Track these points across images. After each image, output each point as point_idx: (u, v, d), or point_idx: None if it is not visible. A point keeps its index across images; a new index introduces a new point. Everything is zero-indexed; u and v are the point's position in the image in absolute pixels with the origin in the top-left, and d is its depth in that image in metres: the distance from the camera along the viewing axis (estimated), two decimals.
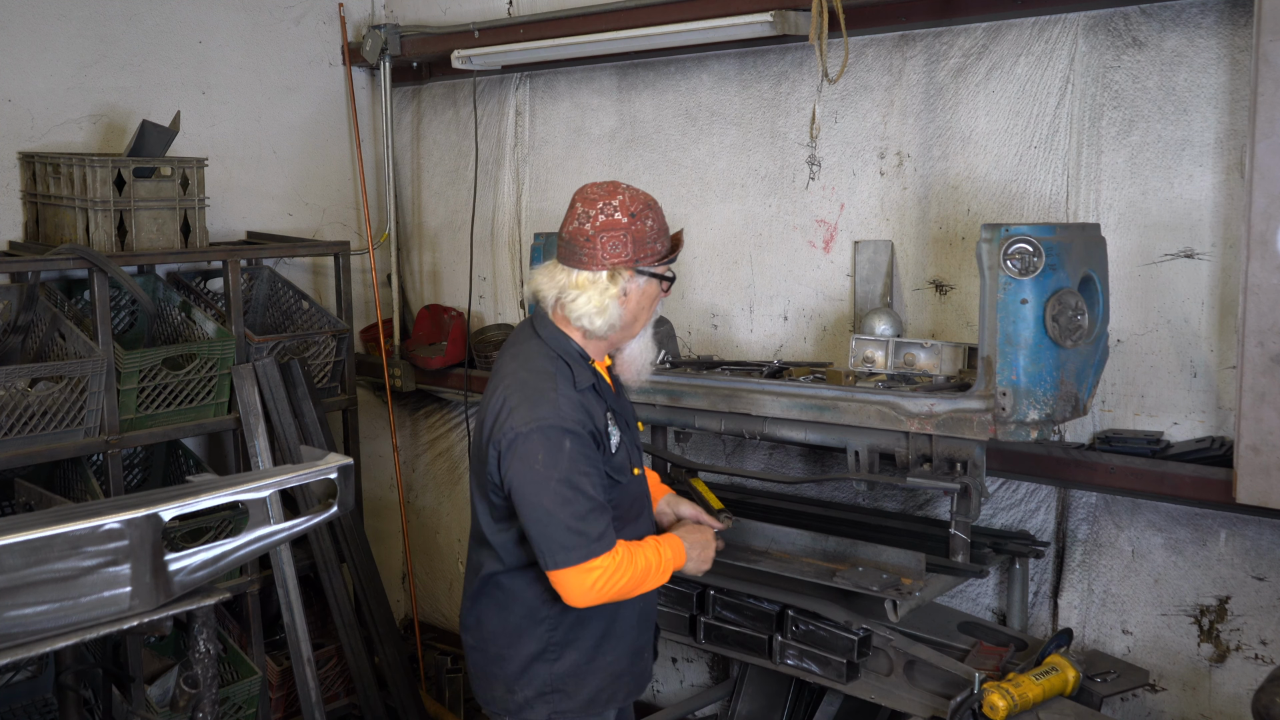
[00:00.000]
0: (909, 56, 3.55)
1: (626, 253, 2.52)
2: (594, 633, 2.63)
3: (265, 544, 2.97)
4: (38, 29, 4.14)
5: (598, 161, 4.39)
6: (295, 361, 4.28)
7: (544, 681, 2.62)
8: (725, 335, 4.08)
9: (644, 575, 2.54)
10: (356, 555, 4.43)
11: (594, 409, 2.53)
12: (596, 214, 2.53)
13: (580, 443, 2.45)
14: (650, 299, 2.60)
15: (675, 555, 2.63)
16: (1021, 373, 2.74)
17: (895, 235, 3.62)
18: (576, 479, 2.43)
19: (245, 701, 4.06)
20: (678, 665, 4.40)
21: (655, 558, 2.57)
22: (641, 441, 2.85)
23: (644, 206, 2.55)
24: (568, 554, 2.43)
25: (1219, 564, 3.13)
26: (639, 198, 2.55)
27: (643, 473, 2.74)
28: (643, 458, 2.79)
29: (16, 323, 3.86)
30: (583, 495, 2.43)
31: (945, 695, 2.89)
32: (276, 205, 4.86)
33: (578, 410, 2.48)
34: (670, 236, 2.62)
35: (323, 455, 3.10)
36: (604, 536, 2.45)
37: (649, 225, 2.54)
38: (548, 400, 2.46)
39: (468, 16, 4.61)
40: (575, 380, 2.53)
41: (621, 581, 2.48)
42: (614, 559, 2.47)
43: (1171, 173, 3.10)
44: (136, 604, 2.79)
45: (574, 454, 2.44)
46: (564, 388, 2.49)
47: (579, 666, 2.62)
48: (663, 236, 2.58)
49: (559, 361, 2.55)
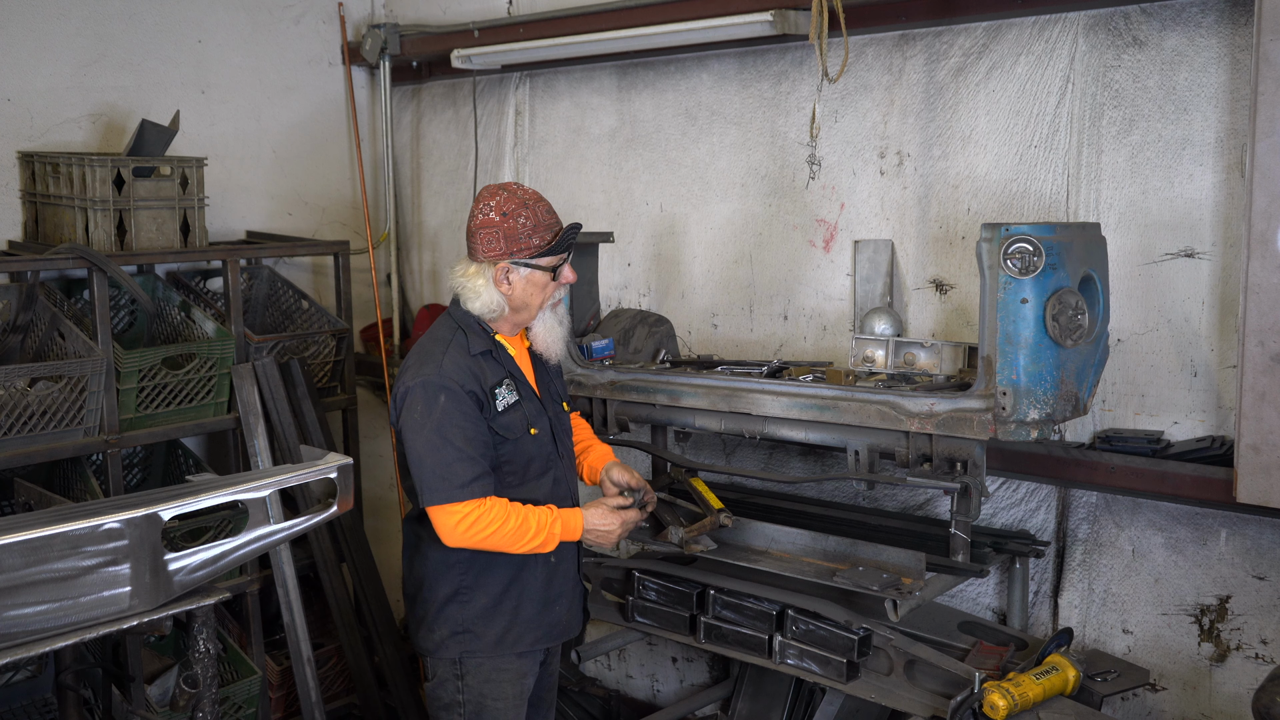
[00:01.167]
0: (909, 56, 3.55)
1: (500, 248, 2.83)
2: (500, 580, 2.89)
3: (265, 544, 2.99)
4: (37, 28, 4.13)
5: (597, 161, 4.39)
6: (295, 361, 4.27)
7: (456, 622, 2.89)
8: (725, 335, 4.08)
9: (517, 533, 2.78)
10: (356, 555, 4.43)
11: (486, 372, 2.84)
12: (478, 213, 2.86)
13: (455, 399, 2.76)
14: (538, 286, 2.88)
15: (568, 528, 2.87)
16: (1022, 372, 2.74)
17: (895, 235, 3.62)
18: (447, 430, 2.74)
19: (245, 701, 4.06)
20: (678, 665, 4.40)
21: (535, 522, 2.80)
22: (566, 412, 3.10)
23: (518, 206, 2.83)
24: (432, 494, 2.75)
25: (1219, 563, 3.13)
26: (515, 197, 2.84)
27: (547, 436, 2.95)
28: (559, 428, 3.01)
29: (16, 322, 3.86)
30: (450, 445, 2.73)
31: (945, 695, 2.89)
32: (276, 205, 4.86)
33: (462, 372, 2.79)
34: (554, 231, 2.88)
35: (322, 455, 3.13)
36: (469, 486, 2.74)
37: (521, 223, 2.83)
38: (434, 361, 2.81)
39: (467, 16, 4.61)
40: (469, 347, 2.85)
41: (486, 531, 2.75)
42: (479, 509, 2.75)
43: (1172, 172, 3.10)
44: (136, 603, 2.79)
45: (447, 408, 2.75)
46: (454, 352, 2.83)
47: (486, 610, 2.89)
48: (540, 231, 2.85)
49: (458, 331, 2.88)
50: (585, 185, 4.45)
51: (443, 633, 2.91)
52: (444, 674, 2.93)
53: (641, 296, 4.32)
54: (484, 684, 2.91)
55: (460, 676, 2.91)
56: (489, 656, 2.90)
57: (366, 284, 5.08)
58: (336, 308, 4.62)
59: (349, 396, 4.56)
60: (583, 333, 3.76)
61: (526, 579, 2.91)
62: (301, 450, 3.29)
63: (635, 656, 4.53)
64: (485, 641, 2.89)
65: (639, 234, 4.29)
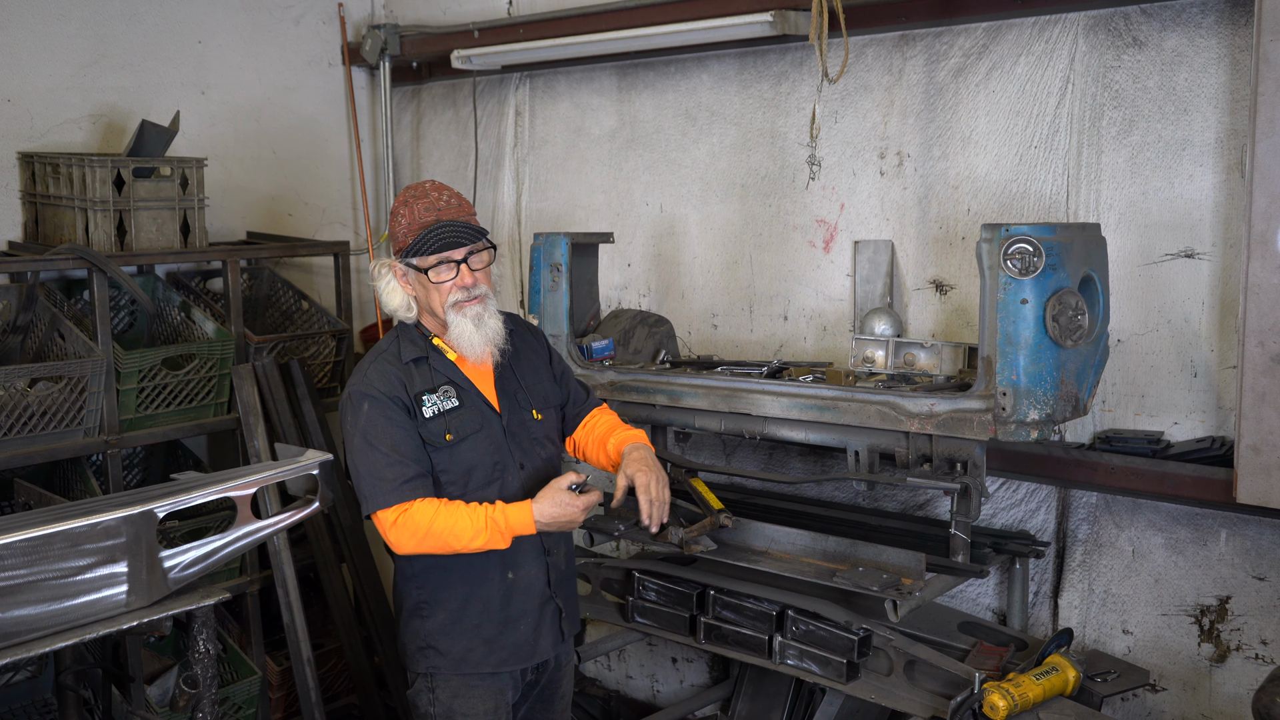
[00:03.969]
0: (909, 56, 3.55)
1: (395, 246, 2.78)
2: (457, 595, 2.80)
3: (253, 539, 3.03)
4: (38, 29, 4.13)
5: (597, 161, 4.39)
6: (295, 361, 4.27)
7: (421, 637, 2.83)
8: (725, 335, 4.08)
9: (452, 531, 2.65)
10: (356, 555, 4.43)
11: (415, 379, 2.77)
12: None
13: (378, 406, 2.71)
14: (425, 286, 2.76)
15: (512, 521, 2.68)
16: (1022, 373, 2.74)
17: (895, 235, 3.62)
18: (372, 436, 2.69)
19: (245, 701, 4.06)
20: (678, 665, 4.40)
21: (469, 517, 2.65)
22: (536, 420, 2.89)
23: (400, 203, 2.77)
24: (367, 502, 2.70)
25: (1219, 564, 3.13)
26: (408, 193, 2.76)
27: (490, 445, 2.78)
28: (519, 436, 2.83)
29: (16, 323, 3.86)
30: (377, 451, 2.68)
31: (945, 695, 2.88)
32: (276, 205, 4.86)
33: (386, 380, 2.74)
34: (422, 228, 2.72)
35: (301, 452, 3.18)
36: (398, 489, 2.66)
37: (401, 221, 2.75)
38: (361, 371, 2.79)
39: (468, 16, 4.61)
40: (401, 354, 2.80)
41: (420, 532, 2.65)
42: (407, 510, 2.65)
43: (1172, 172, 3.10)
44: (134, 600, 2.81)
45: (370, 414, 2.71)
46: (382, 361, 2.79)
47: (445, 626, 2.81)
48: (414, 230, 2.73)
49: (395, 340, 2.84)
50: (585, 186, 4.45)
51: (412, 647, 2.84)
52: (419, 685, 2.85)
53: (641, 297, 4.32)
54: (453, 699, 2.81)
55: (431, 689, 2.83)
56: (452, 672, 2.81)
57: (366, 284, 5.07)
58: (336, 308, 4.62)
59: None
60: (583, 333, 3.76)
61: (485, 595, 2.79)
62: (277, 449, 3.33)
63: (635, 657, 4.53)
64: (449, 659, 2.80)
65: (639, 234, 4.29)
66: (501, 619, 2.81)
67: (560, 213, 4.51)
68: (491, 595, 2.80)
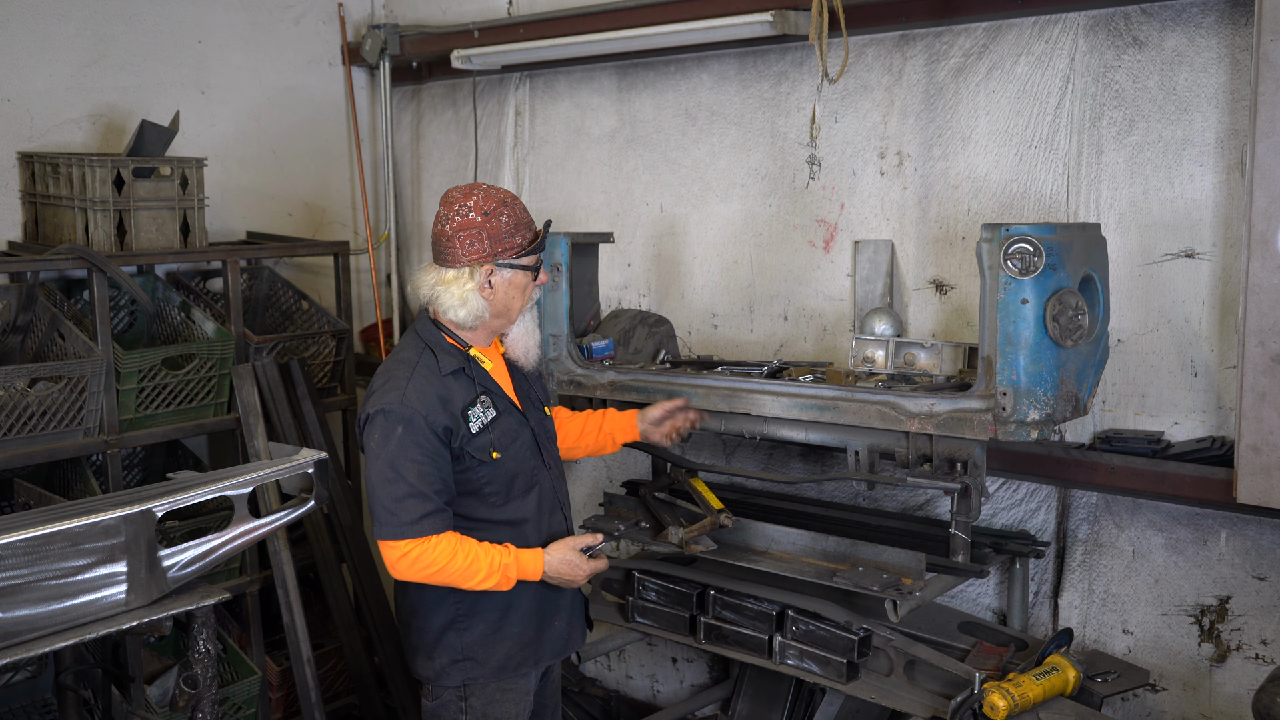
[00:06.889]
0: (909, 56, 3.55)
1: (484, 249, 2.71)
2: (498, 606, 2.80)
3: (251, 537, 3.05)
4: (37, 29, 4.13)
5: (597, 161, 4.39)
6: (295, 361, 4.27)
7: (456, 650, 2.80)
8: (725, 335, 4.08)
9: (466, 572, 2.67)
10: (356, 555, 4.43)
11: (457, 394, 2.71)
12: (454, 215, 2.73)
13: (413, 431, 2.63)
14: (519, 288, 2.78)
15: (524, 569, 2.75)
16: (1022, 372, 2.74)
17: (895, 235, 3.62)
18: (400, 463, 2.63)
19: (245, 702, 4.06)
20: (678, 665, 4.40)
21: (486, 563, 2.69)
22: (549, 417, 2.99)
23: (498, 205, 2.73)
24: (381, 528, 2.66)
25: (1219, 564, 3.13)
26: (494, 197, 2.74)
27: (529, 449, 2.84)
28: (543, 437, 2.91)
29: (16, 323, 3.86)
30: (403, 480, 2.62)
31: (945, 695, 2.88)
32: (276, 205, 4.86)
33: (426, 400, 2.66)
34: (533, 230, 2.79)
35: (296, 451, 3.20)
36: (417, 523, 2.63)
37: (504, 221, 2.72)
38: (396, 388, 2.67)
39: (467, 16, 4.61)
40: (440, 367, 2.72)
41: (432, 569, 2.65)
42: (421, 546, 2.64)
43: (1172, 172, 3.10)
44: (133, 599, 2.82)
45: (403, 440, 2.63)
46: (420, 376, 2.69)
47: (487, 636, 2.80)
48: (521, 230, 2.75)
49: (425, 351, 2.75)
50: (585, 185, 4.45)
51: (443, 661, 2.81)
52: (446, 698, 2.83)
53: (641, 297, 4.32)
54: (488, 705, 2.83)
55: (464, 698, 2.82)
56: (492, 680, 2.82)
57: (366, 284, 5.08)
58: (336, 308, 4.62)
59: (349, 397, 4.56)
60: (583, 333, 3.76)
61: (521, 601, 2.82)
62: (271, 448, 3.34)
63: (635, 657, 4.53)
64: (489, 668, 2.81)
65: (639, 234, 4.29)
66: (538, 620, 2.87)
67: (560, 213, 4.51)
68: (528, 600, 2.84)
